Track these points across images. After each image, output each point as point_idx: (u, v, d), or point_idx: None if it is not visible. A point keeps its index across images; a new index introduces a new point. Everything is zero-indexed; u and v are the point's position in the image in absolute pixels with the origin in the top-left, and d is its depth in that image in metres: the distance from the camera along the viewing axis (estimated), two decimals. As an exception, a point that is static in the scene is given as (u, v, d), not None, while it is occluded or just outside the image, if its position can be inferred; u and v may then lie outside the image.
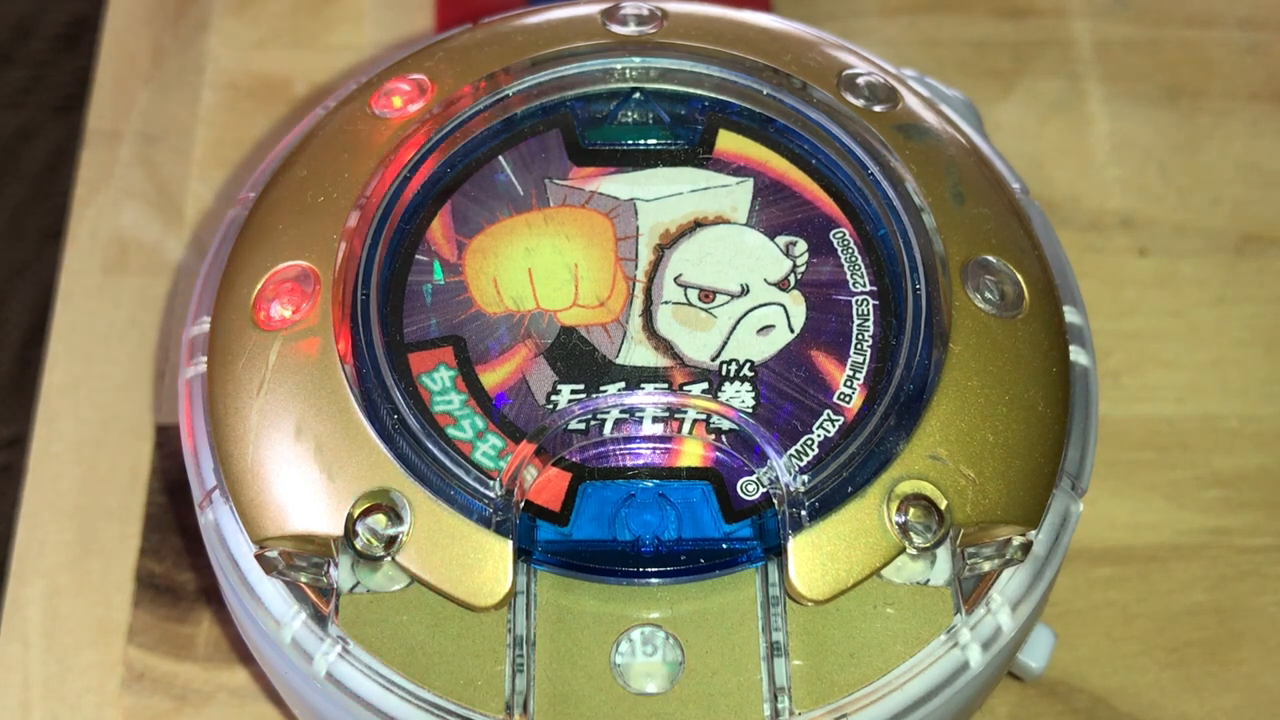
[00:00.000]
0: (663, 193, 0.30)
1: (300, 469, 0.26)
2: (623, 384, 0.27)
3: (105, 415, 0.36)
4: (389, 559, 0.25)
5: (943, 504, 0.25)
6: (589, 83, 0.31)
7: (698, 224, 0.29)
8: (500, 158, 0.30)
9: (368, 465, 0.25)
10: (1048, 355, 0.27)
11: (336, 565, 0.25)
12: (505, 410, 0.27)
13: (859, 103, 0.30)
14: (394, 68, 0.31)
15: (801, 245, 0.29)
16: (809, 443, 0.27)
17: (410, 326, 0.28)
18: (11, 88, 0.45)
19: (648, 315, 0.28)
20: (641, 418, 0.27)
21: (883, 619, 0.25)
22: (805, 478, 0.26)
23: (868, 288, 0.28)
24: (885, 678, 0.25)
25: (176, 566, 0.34)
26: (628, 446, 0.27)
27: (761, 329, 0.28)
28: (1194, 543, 0.35)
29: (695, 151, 0.30)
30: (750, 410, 0.27)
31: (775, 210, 0.29)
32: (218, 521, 0.27)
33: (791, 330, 0.28)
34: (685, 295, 0.28)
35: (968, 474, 0.26)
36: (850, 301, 0.28)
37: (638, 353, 0.28)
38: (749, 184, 0.30)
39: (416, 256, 0.29)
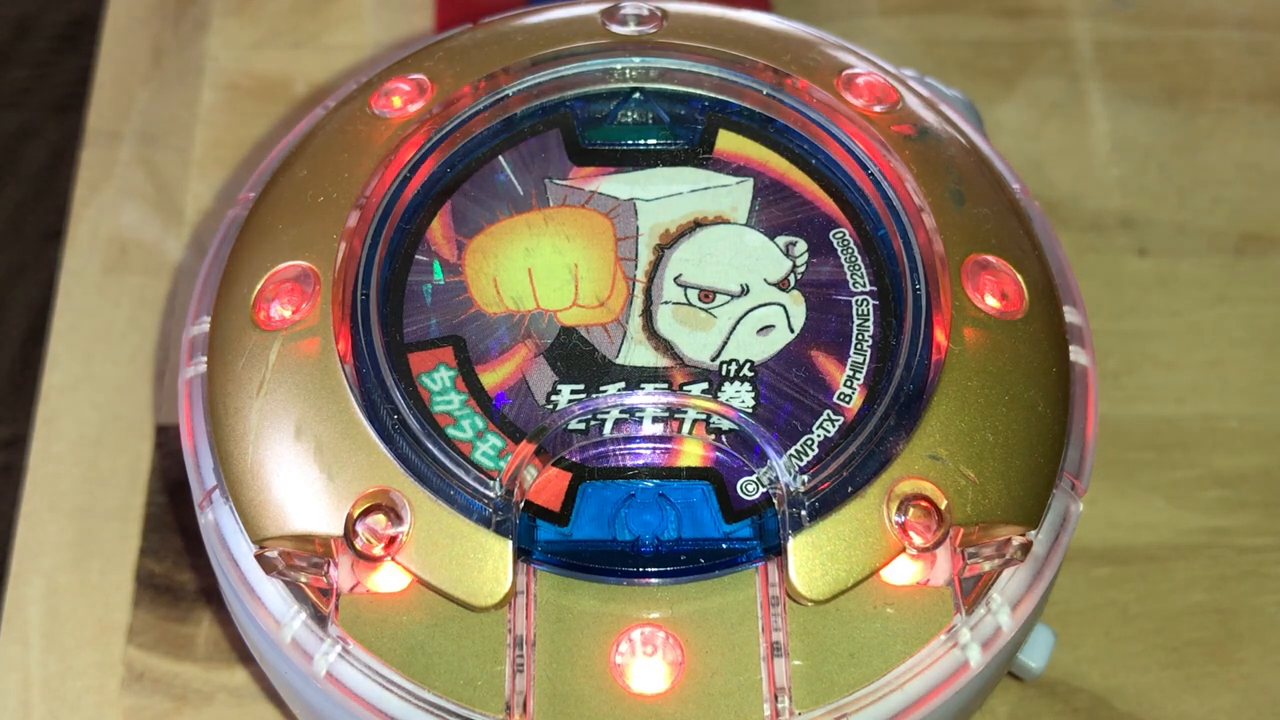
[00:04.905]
0: (663, 193, 0.30)
1: (300, 469, 0.26)
2: (623, 384, 0.27)
3: (105, 415, 0.36)
4: (389, 559, 0.25)
5: (943, 504, 0.25)
6: (589, 83, 0.31)
7: (698, 224, 0.29)
8: (500, 158, 0.30)
9: (368, 465, 0.25)
10: (1048, 355, 0.27)
11: (336, 565, 0.25)
12: (505, 410, 0.27)
13: (859, 103, 0.30)
14: (394, 68, 0.31)
15: (801, 245, 0.29)
16: (809, 443, 0.27)
17: (410, 326, 0.28)
18: (11, 88, 0.45)
19: (648, 315, 0.28)
20: (641, 418, 0.27)
21: (883, 619, 0.25)
22: (805, 478, 0.26)
23: (868, 288, 0.28)
24: (885, 678, 0.25)
25: (176, 566, 0.34)
26: (628, 446, 0.27)
27: (761, 329, 0.28)
28: (1194, 543, 0.35)
29: (695, 151, 0.30)
30: (750, 410, 0.27)
31: (775, 210, 0.29)
32: (218, 521, 0.27)
33: (791, 330, 0.28)
34: (685, 295, 0.28)
35: (968, 474, 0.26)
36: (850, 301, 0.28)
37: (638, 353, 0.28)
38: (749, 184, 0.30)
39: (416, 256, 0.29)
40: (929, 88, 0.32)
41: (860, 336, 0.28)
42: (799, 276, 0.29)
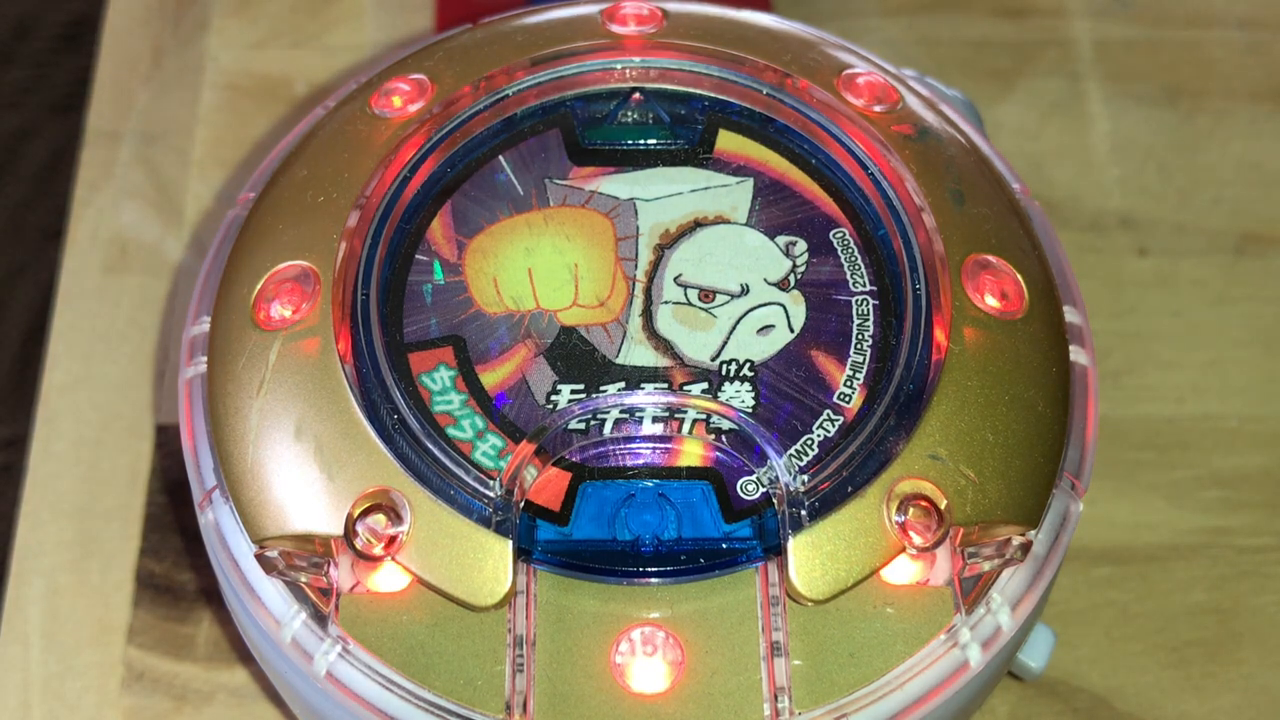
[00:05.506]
0: (663, 193, 0.30)
1: (300, 469, 0.26)
2: (623, 384, 0.27)
3: (105, 415, 0.36)
4: (389, 559, 0.25)
5: (943, 504, 0.25)
6: (589, 83, 0.31)
7: (698, 224, 0.29)
8: (500, 158, 0.30)
9: (368, 465, 0.25)
10: (1048, 355, 0.27)
11: (336, 565, 0.25)
12: (505, 410, 0.27)
13: (859, 103, 0.30)
14: (394, 68, 0.31)
15: (801, 245, 0.29)
16: (809, 442, 0.27)
17: (410, 326, 0.28)
18: (11, 88, 0.45)
19: (648, 315, 0.28)
20: (641, 418, 0.27)
21: (883, 619, 0.25)
22: (805, 477, 0.26)
23: (868, 288, 0.28)
24: (885, 678, 0.25)
25: (176, 566, 0.34)
26: (628, 446, 0.27)
27: (761, 329, 0.28)
28: (1194, 543, 0.35)
29: (695, 151, 0.30)
30: (750, 410, 0.27)
31: (775, 210, 0.29)
32: (218, 521, 0.27)
33: (791, 330, 0.28)
34: (685, 295, 0.28)
35: (968, 474, 0.26)
36: (850, 301, 0.28)
37: (638, 353, 0.28)
38: (749, 184, 0.30)
39: (416, 256, 0.29)
40: (929, 88, 0.32)
41: (860, 336, 0.28)
42: (799, 276, 0.29)
